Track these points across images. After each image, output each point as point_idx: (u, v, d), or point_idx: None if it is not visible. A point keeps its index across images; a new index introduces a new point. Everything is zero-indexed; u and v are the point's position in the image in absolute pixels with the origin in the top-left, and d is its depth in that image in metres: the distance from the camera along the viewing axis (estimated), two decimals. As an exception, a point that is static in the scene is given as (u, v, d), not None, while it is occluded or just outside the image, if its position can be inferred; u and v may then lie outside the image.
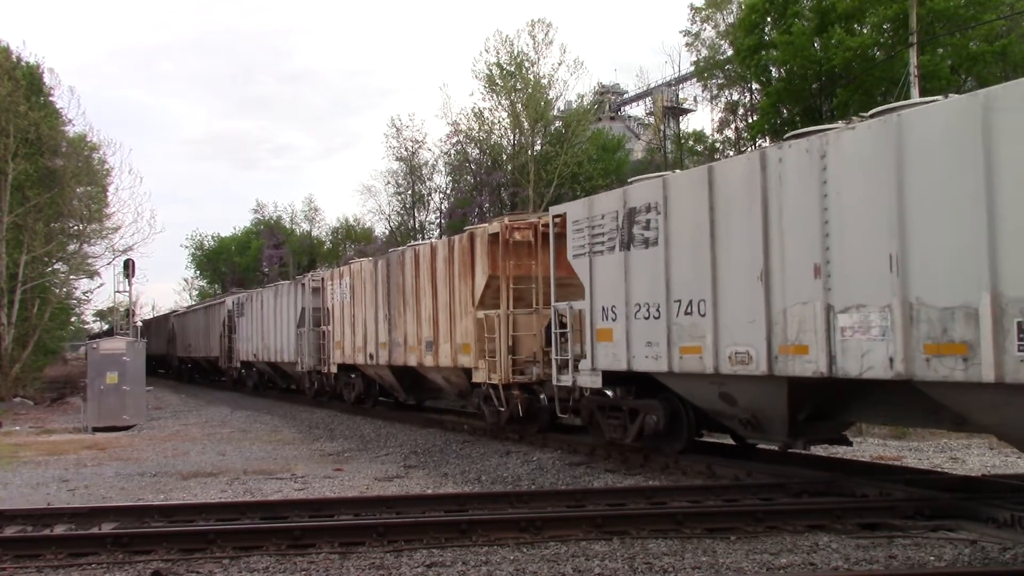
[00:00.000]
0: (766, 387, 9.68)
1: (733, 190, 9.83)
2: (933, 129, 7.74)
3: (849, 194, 8.51)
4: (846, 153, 8.56)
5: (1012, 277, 7.08)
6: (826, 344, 8.68)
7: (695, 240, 10.29)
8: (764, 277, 9.38)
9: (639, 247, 11.20)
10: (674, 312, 10.63)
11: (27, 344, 32.19)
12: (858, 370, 8.40)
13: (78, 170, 32.75)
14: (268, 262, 61.32)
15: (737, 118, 37.66)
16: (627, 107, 62.82)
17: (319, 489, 11.50)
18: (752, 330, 9.51)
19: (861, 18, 26.67)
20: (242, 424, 21.07)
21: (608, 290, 11.78)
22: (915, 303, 7.86)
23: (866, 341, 8.32)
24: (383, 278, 19.30)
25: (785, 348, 9.17)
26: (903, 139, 7.97)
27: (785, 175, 9.19)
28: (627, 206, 11.43)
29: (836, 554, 7.24)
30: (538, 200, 36.61)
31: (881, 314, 8.16)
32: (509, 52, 38.47)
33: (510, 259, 14.68)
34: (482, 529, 8.01)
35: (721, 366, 9.95)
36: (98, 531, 8.46)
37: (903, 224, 7.93)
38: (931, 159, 7.72)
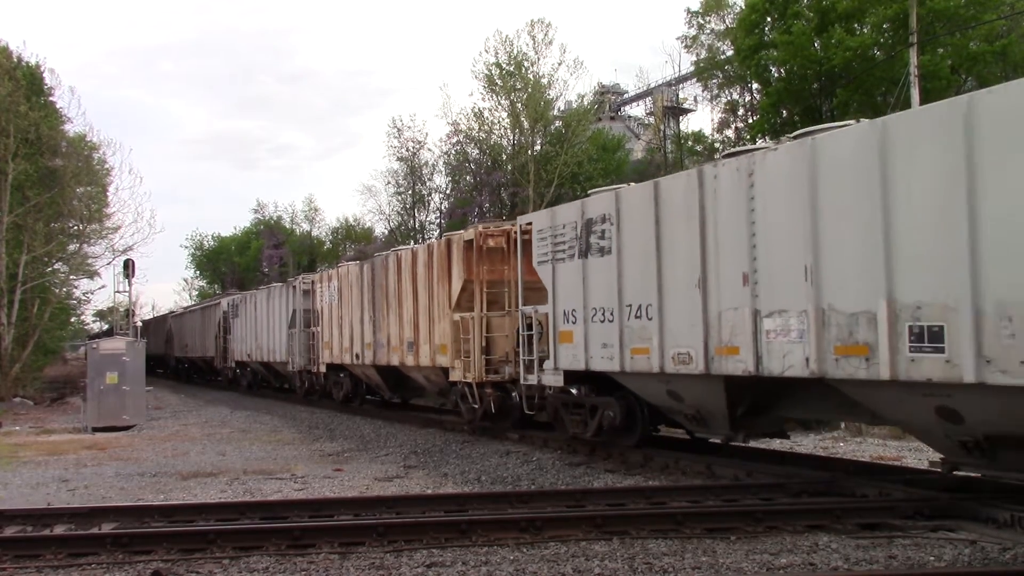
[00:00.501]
0: (706, 385, 10.45)
1: (676, 204, 10.64)
2: (842, 152, 8.58)
3: (773, 210, 9.33)
4: (770, 172, 9.39)
5: (905, 286, 7.92)
6: (753, 345, 9.50)
7: (644, 249, 11.10)
8: (702, 284, 10.23)
9: (595, 255, 12.02)
10: (626, 316, 11.44)
11: (27, 344, 32.19)
12: (780, 369, 9.24)
13: (78, 170, 32.75)
14: (268, 262, 61.34)
15: (737, 118, 37.66)
16: (627, 107, 62.84)
17: (319, 489, 11.50)
18: (692, 333, 10.35)
19: (861, 18, 26.67)
20: (242, 424, 21.07)
21: (569, 295, 12.57)
22: (827, 309, 8.71)
23: (787, 343, 9.17)
24: (368, 281, 20.06)
25: (720, 349, 10.00)
26: (816, 161, 8.80)
27: (719, 191, 10.01)
28: (585, 217, 12.24)
29: (836, 554, 7.24)
30: (538, 200, 36.61)
31: (799, 319, 9.00)
32: (508, 52, 38.48)
33: (484, 264, 15.44)
34: (482, 529, 8.01)
35: (666, 366, 10.75)
36: (98, 531, 8.45)
37: (816, 238, 8.79)
38: (840, 180, 8.57)
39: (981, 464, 8.25)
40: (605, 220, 11.84)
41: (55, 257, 34.08)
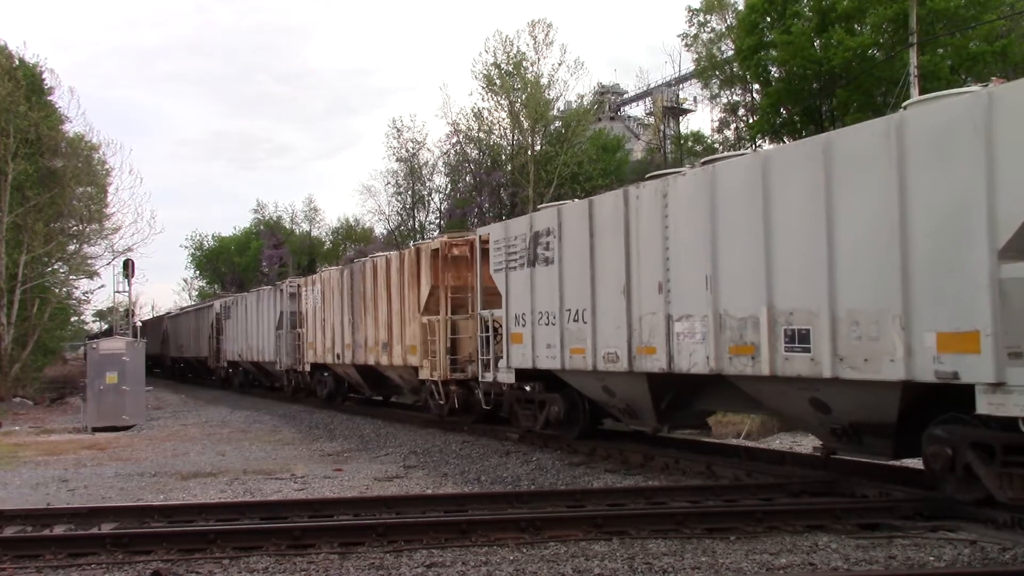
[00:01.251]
0: (631, 381, 11.71)
1: (606, 220, 11.91)
2: (735, 179, 9.86)
3: (682, 227, 10.63)
4: (680, 194, 10.69)
5: (781, 295, 9.21)
6: (667, 346, 10.78)
7: (580, 260, 12.36)
8: (626, 292, 11.46)
9: (541, 265, 13.27)
10: (566, 319, 12.69)
11: (27, 344, 32.19)
12: (688, 366, 10.51)
13: (78, 170, 32.75)
14: (268, 262, 61.31)
15: (737, 118, 37.65)
16: (627, 107, 62.83)
17: (319, 489, 11.50)
18: (618, 334, 11.59)
19: (861, 18, 26.66)
20: (241, 424, 21.07)
21: (519, 300, 13.80)
22: (723, 314, 9.99)
23: (692, 343, 10.43)
24: (348, 286, 21.30)
25: (641, 349, 11.25)
26: (715, 185, 10.08)
27: (640, 210, 11.29)
28: (533, 230, 13.49)
29: (836, 554, 7.24)
30: (538, 200, 36.60)
31: (702, 322, 10.27)
32: (508, 52, 38.48)
33: (449, 272, 16.63)
34: (482, 529, 8.01)
35: (599, 364, 12.00)
36: (98, 531, 8.45)
37: (715, 252, 10.09)
38: (733, 202, 9.85)
39: (850, 449, 9.52)
40: (549, 233, 13.06)
41: (55, 257, 34.07)
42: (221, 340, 34.39)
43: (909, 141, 8.03)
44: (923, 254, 7.87)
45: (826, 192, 8.69)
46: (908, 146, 8.04)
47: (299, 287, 25.43)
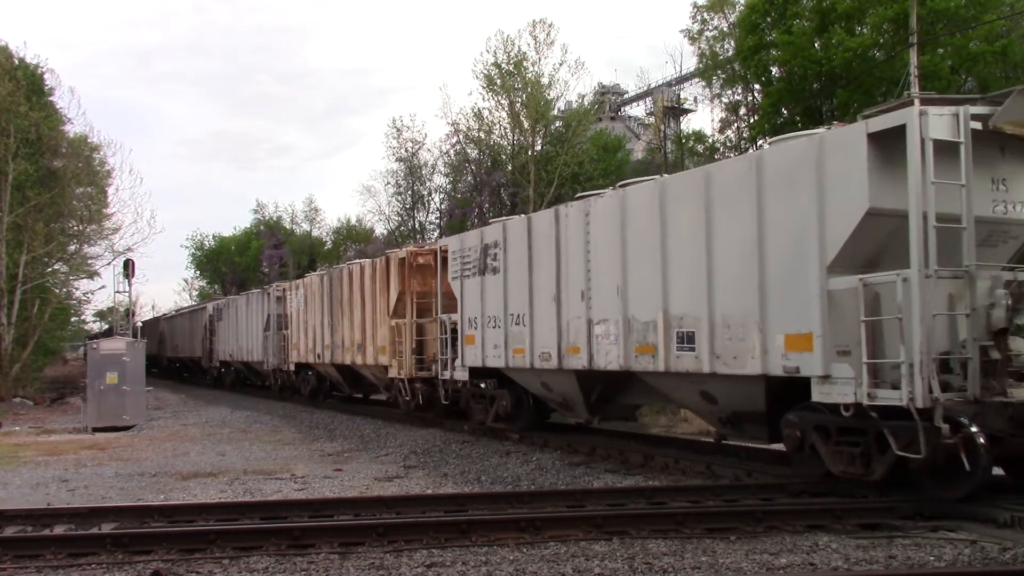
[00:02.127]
0: (563, 377, 13.26)
1: (542, 235, 13.40)
2: (640, 201, 11.38)
3: (600, 242, 12.10)
4: (598, 214, 12.19)
5: (674, 302, 10.70)
6: (588, 346, 12.25)
7: (521, 270, 13.85)
8: (556, 299, 13.00)
9: (490, 274, 14.74)
10: (510, 323, 14.18)
11: (27, 344, 32.19)
12: (604, 364, 11.99)
13: (78, 170, 32.74)
14: (268, 262, 61.24)
15: (738, 118, 37.62)
16: (627, 107, 62.81)
17: (319, 489, 11.50)
18: (551, 336, 13.13)
19: (861, 18, 26.64)
20: (242, 424, 21.08)
21: (472, 305, 15.27)
22: (631, 319, 11.47)
23: (608, 344, 11.89)
24: (327, 291, 22.74)
25: (568, 349, 12.75)
26: (625, 207, 11.62)
27: (568, 227, 12.80)
28: (483, 242, 14.95)
29: (836, 554, 7.24)
30: (538, 200, 36.59)
31: (615, 326, 11.71)
32: (509, 52, 38.45)
33: (415, 279, 18.10)
34: (482, 529, 8.01)
35: (535, 363, 13.52)
36: (98, 531, 8.45)
37: (624, 265, 11.56)
38: (638, 221, 11.35)
39: (736, 435, 11.04)
40: (497, 246, 14.53)
41: (55, 257, 34.06)
42: (214, 341, 35.73)
43: (766, 175, 9.50)
44: (775, 269, 9.36)
45: (706, 216, 10.25)
46: (765, 180, 9.50)
47: (284, 291, 26.82)
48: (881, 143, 8.44)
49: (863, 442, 8.72)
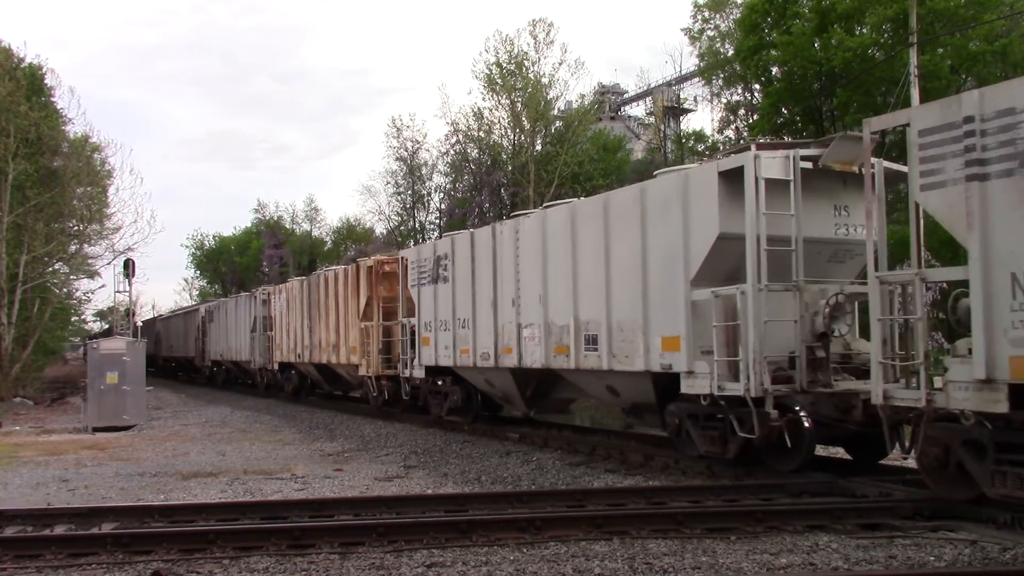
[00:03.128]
0: (500, 374, 14.97)
1: (482, 249, 15.18)
2: (558, 221, 13.13)
3: (526, 256, 13.85)
4: (526, 231, 13.96)
5: (582, 309, 12.43)
6: (518, 347, 14.04)
7: (466, 279, 15.56)
8: (493, 305, 14.74)
9: (441, 283, 16.50)
10: (457, 326, 15.90)
11: (27, 344, 32.19)
12: (531, 363, 13.77)
13: (78, 170, 32.74)
14: (268, 262, 61.26)
15: (738, 118, 37.62)
16: (627, 107, 62.79)
17: (319, 489, 11.50)
18: (489, 338, 14.84)
19: (861, 18, 26.64)
20: (242, 424, 21.08)
21: (427, 310, 17.01)
22: (551, 323, 13.21)
23: (534, 345, 13.61)
24: (307, 295, 24.38)
25: (503, 349, 14.46)
26: (546, 226, 13.38)
27: (503, 243, 14.54)
28: (436, 254, 16.76)
29: (836, 554, 7.24)
30: (538, 200, 36.59)
31: (539, 329, 13.46)
32: (509, 52, 38.46)
33: (382, 285, 19.85)
34: (482, 529, 8.01)
35: (478, 361, 15.21)
36: (98, 531, 8.45)
37: (545, 276, 13.32)
38: (556, 239, 13.07)
39: (638, 424, 13.04)
40: (447, 257, 16.26)
41: (55, 257, 34.07)
42: (206, 341, 37.53)
43: (647, 204, 11.22)
44: (654, 282, 11.08)
45: (605, 236, 11.96)
46: (647, 207, 11.22)
47: (269, 295, 28.53)
48: (729, 180, 10.08)
49: (720, 426, 10.42)
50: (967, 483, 8.03)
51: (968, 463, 7.78)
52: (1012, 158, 7.17)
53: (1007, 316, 7.13)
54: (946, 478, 8.23)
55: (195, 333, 39.52)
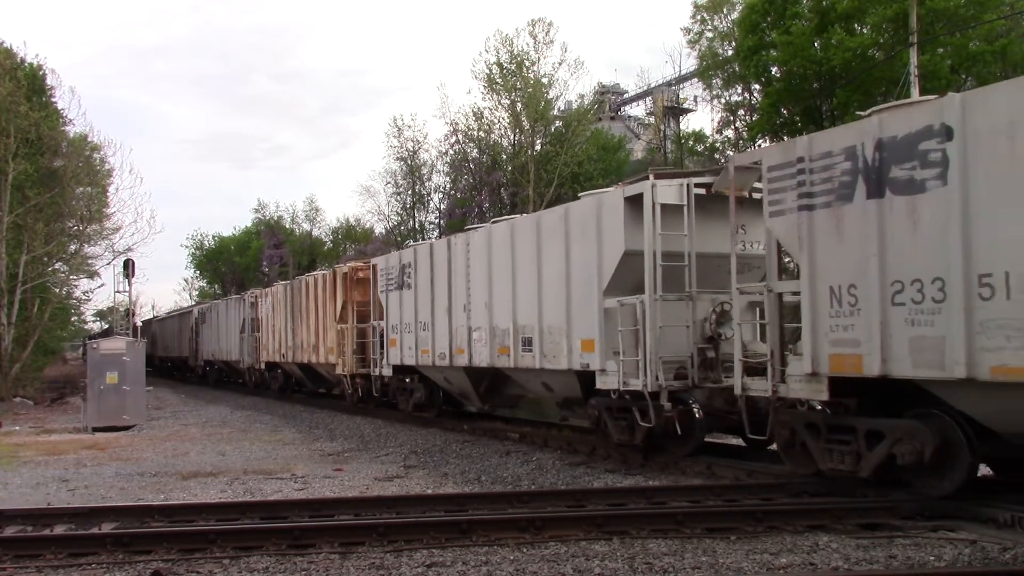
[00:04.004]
0: (457, 373, 16.35)
1: (440, 259, 16.56)
2: (501, 235, 14.56)
3: (475, 267, 15.27)
4: (474, 244, 15.44)
5: (520, 314, 13.90)
6: (468, 348, 15.45)
7: (427, 286, 16.97)
8: (448, 310, 16.13)
9: (406, 289, 17.96)
10: (419, 328, 17.33)
11: (27, 344, 32.17)
12: (479, 362, 15.12)
13: (78, 170, 32.73)
14: (268, 262, 61.21)
15: (737, 118, 37.60)
16: (627, 107, 62.76)
17: (319, 489, 11.50)
18: (445, 340, 16.26)
19: (861, 18, 26.64)
20: (242, 424, 21.08)
21: (394, 314, 18.55)
22: (495, 327, 14.62)
23: (481, 346, 15.01)
24: (290, 298, 25.82)
25: (456, 350, 15.90)
26: (491, 239, 14.83)
27: (456, 254, 15.95)
28: (401, 263, 18.32)
29: (836, 554, 7.24)
30: (538, 200, 36.60)
31: (485, 332, 14.85)
32: (509, 51, 38.43)
33: (357, 290, 21.45)
34: (482, 529, 8.01)
35: (436, 361, 16.64)
36: (98, 531, 8.45)
37: (490, 285, 14.74)
38: (500, 253, 14.49)
39: (571, 416, 14.52)
40: (410, 266, 17.77)
41: (55, 257, 34.05)
42: (199, 342, 39.10)
43: (570, 224, 12.74)
44: (575, 292, 12.57)
45: (537, 251, 13.47)
46: (570, 227, 12.75)
47: (257, 298, 29.94)
48: (633, 204, 11.53)
49: (628, 417, 11.84)
50: (810, 460, 9.49)
51: (808, 442, 9.40)
52: (830, 192, 8.77)
53: (827, 321, 8.77)
54: (795, 455, 9.77)
55: (189, 334, 41.06)
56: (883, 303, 8.23)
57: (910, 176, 8.03)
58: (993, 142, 7.40)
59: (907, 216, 8.05)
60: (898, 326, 8.10)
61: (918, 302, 7.95)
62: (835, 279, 8.69)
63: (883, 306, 8.23)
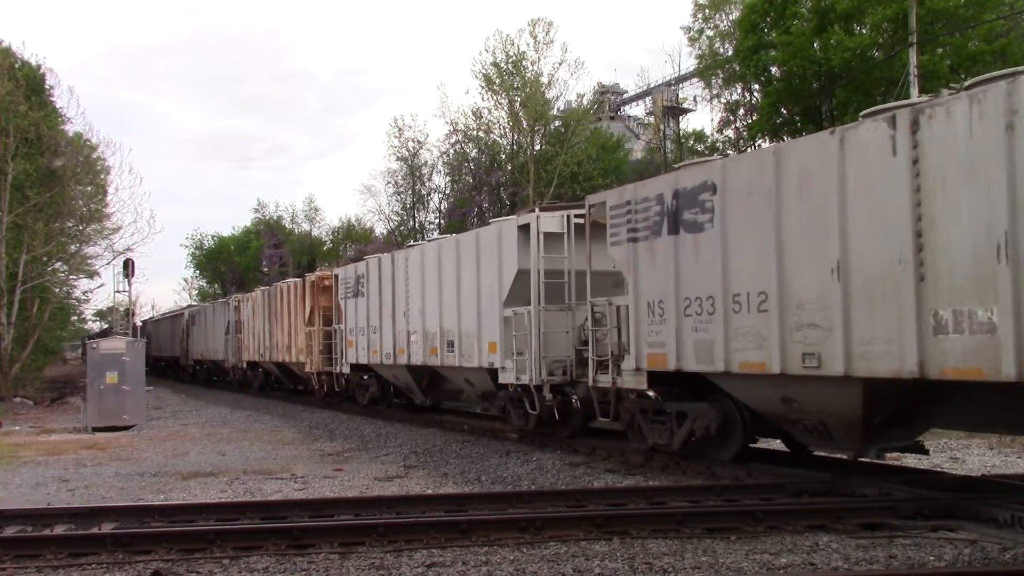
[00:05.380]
0: (401, 370, 18.79)
1: (386, 271, 19.11)
2: (432, 253, 17.05)
3: (412, 279, 17.81)
4: (412, 259, 17.90)
5: (445, 321, 16.37)
6: (407, 349, 18.01)
7: (376, 295, 19.62)
8: (392, 316, 18.72)
9: (360, 297, 20.53)
10: (371, 331, 19.83)
11: (27, 344, 32.16)
12: (415, 361, 17.73)
13: (77, 170, 32.71)
14: (268, 262, 61.16)
15: (738, 118, 37.59)
16: (627, 107, 62.71)
17: (319, 489, 11.50)
18: (391, 341, 18.86)
19: (860, 18, 26.63)
20: (242, 424, 21.08)
21: (351, 318, 21.15)
22: (427, 330, 17.09)
23: (417, 347, 17.56)
24: (267, 303, 28.21)
25: (398, 351, 18.48)
26: (424, 256, 17.42)
27: (399, 267, 18.56)
28: (356, 274, 20.90)
29: (836, 554, 7.24)
30: (538, 200, 36.56)
31: (419, 335, 17.43)
32: (507, 52, 38.41)
33: (322, 297, 23.68)
34: (482, 529, 8.01)
35: (384, 360, 19.24)
36: (98, 531, 8.45)
37: (423, 295, 17.27)
38: (430, 267, 17.03)
39: (488, 407, 16.99)
40: (363, 277, 20.29)
41: (55, 257, 34.05)
42: (189, 342, 41.84)
43: (481, 245, 15.23)
44: (484, 302, 15.03)
45: (457, 268, 15.94)
46: (480, 247, 15.19)
47: (239, 302, 32.24)
48: (524, 231, 13.97)
49: (523, 407, 14.29)
50: (644, 437, 12.04)
51: (641, 424, 12.01)
52: (647, 228, 11.25)
53: (646, 328, 11.29)
54: (635, 434, 12.33)
55: (180, 335, 43.80)
56: (678, 314, 10.71)
57: (694, 219, 10.46)
58: (739, 197, 9.80)
59: (692, 249, 10.48)
60: (688, 332, 10.60)
61: (699, 314, 10.42)
62: (651, 296, 11.19)
63: (678, 317, 10.70)
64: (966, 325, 7.55)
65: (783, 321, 9.22)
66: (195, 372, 41.57)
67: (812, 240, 8.90)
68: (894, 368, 8.08)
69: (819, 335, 8.84)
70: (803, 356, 9.03)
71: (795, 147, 9.61)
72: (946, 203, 7.71)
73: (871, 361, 8.30)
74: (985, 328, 7.41)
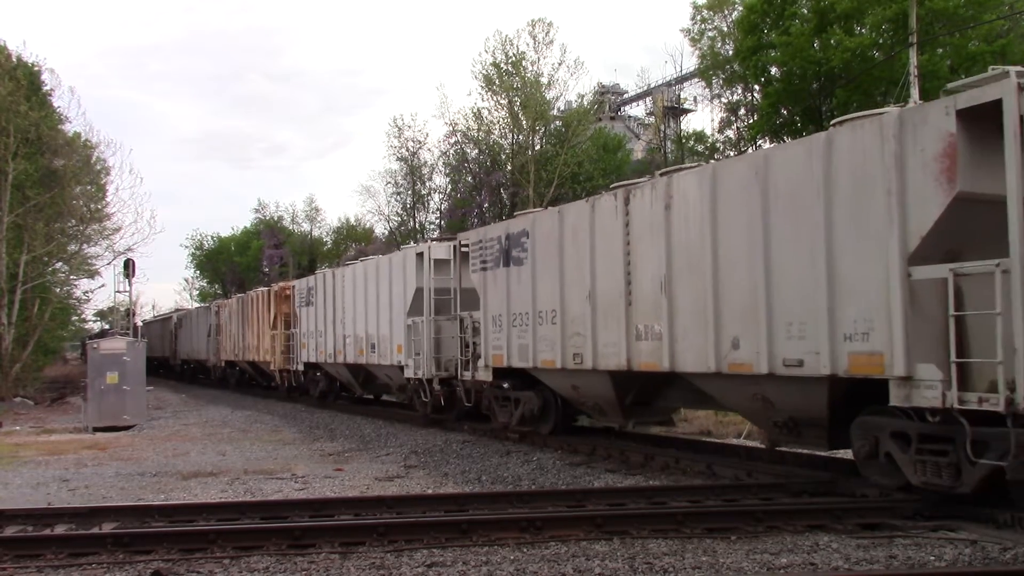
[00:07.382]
0: (341, 368, 22.29)
1: (329, 284, 22.84)
2: (362, 271, 20.90)
3: (348, 292, 21.48)
4: (347, 275, 21.60)
5: (369, 326, 20.15)
6: (344, 350, 21.65)
7: (322, 305, 23.25)
8: (334, 322, 22.23)
9: (311, 305, 24.21)
10: (318, 335, 23.35)
11: (27, 344, 32.16)
12: (349, 360, 21.30)
13: (77, 170, 32.72)
14: (268, 262, 61.12)
15: (738, 118, 37.57)
16: (627, 107, 62.71)
17: (319, 489, 11.50)
18: (332, 343, 22.43)
19: (860, 18, 26.63)
20: (242, 424, 21.08)
21: (304, 324, 24.91)
22: (357, 335, 20.68)
23: (351, 348, 21.04)
24: (241, 308, 31.73)
25: (337, 351, 22.08)
26: (355, 273, 21.35)
27: (338, 281, 22.23)
28: (308, 286, 24.71)
29: (836, 554, 7.25)
30: (538, 200, 36.55)
31: (352, 338, 20.96)
32: (506, 52, 38.39)
33: (283, 304, 27.20)
34: (482, 529, 8.01)
35: (328, 359, 22.83)
36: (98, 531, 8.45)
37: (355, 305, 20.94)
38: (360, 282, 20.95)
39: (403, 397, 19.80)
40: (313, 289, 24.07)
41: (55, 257, 34.05)
42: (177, 343, 45.74)
43: (393, 266, 18.81)
44: (395, 313, 18.61)
45: (376, 283, 19.78)
46: (393, 267, 18.81)
47: (219, 307, 36.06)
48: (419, 257, 17.71)
49: (432, 397, 17.41)
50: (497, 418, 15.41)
51: (494, 408, 15.43)
52: (493, 261, 14.78)
53: (491, 335, 14.81)
54: (492, 416, 15.53)
55: (169, 336, 47.62)
56: (509, 325, 14.22)
57: (518, 255, 14.00)
58: (543, 242, 13.39)
59: (517, 278, 14.04)
60: (515, 338, 14.11)
61: (521, 325, 13.92)
62: (494, 311, 14.71)
63: (509, 327, 14.22)
64: (650, 334, 11.14)
65: (564, 330, 12.82)
66: (183, 371, 45.93)
67: (579, 274, 12.53)
68: (618, 363, 11.68)
69: (581, 340, 12.45)
70: (574, 355, 12.59)
71: (568, 209, 13.10)
72: (641, 253, 11.33)
73: (608, 358, 11.92)
74: (657, 336, 10.98)
